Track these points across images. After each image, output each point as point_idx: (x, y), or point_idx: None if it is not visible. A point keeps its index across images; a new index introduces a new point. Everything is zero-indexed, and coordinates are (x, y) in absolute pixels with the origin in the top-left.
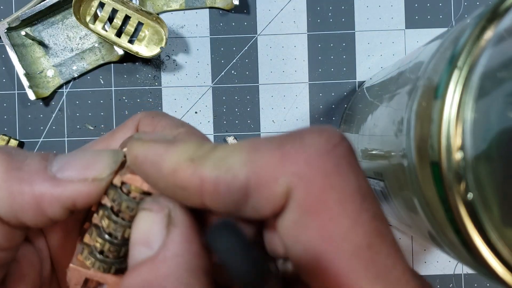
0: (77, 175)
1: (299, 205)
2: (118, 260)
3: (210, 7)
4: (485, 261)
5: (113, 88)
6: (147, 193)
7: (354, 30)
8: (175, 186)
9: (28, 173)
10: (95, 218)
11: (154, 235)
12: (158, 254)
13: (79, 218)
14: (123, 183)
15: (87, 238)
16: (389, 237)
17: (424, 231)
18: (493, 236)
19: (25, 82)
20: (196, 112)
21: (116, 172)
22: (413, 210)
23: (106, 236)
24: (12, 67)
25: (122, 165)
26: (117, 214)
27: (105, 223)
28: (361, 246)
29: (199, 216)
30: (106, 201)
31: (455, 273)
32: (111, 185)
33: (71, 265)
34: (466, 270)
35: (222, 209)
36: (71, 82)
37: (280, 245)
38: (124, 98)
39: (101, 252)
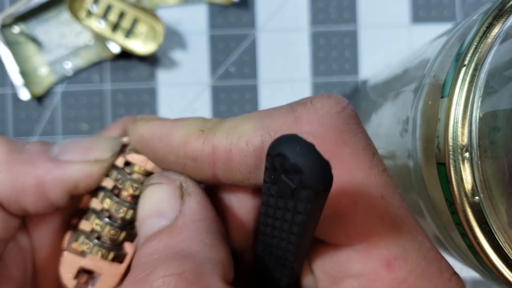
0: (79, 157)
1: None
2: (116, 246)
3: (208, 2)
4: (492, 265)
5: (109, 87)
6: (150, 173)
7: (357, 26)
8: (186, 157)
9: (30, 155)
10: (94, 202)
11: (168, 205)
12: (176, 221)
13: (65, 218)
14: (126, 164)
15: (83, 224)
16: (397, 191)
17: (429, 234)
18: (500, 239)
19: (18, 80)
20: (193, 111)
21: (117, 156)
22: (419, 212)
23: (106, 219)
24: (5, 65)
25: (122, 149)
26: (118, 196)
27: (106, 204)
28: (375, 197)
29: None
30: (108, 183)
31: None
32: (112, 166)
33: (65, 252)
34: (471, 273)
35: (233, 179)
36: (66, 80)
37: None
38: (120, 96)
39: (99, 238)
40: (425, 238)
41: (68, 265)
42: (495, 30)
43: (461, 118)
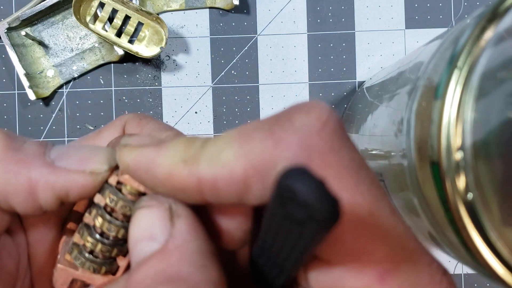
0: (74, 166)
1: None
2: (108, 260)
3: (210, 7)
4: (485, 261)
5: (113, 88)
6: (142, 194)
7: (354, 30)
8: (173, 189)
9: (26, 156)
10: (87, 218)
11: (158, 228)
12: (167, 244)
13: (62, 215)
14: (118, 183)
15: (76, 238)
16: (386, 201)
17: (424, 231)
18: (493, 236)
19: (25, 82)
20: (196, 112)
21: (113, 170)
22: (413, 210)
23: (98, 236)
24: (12, 67)
25: (117, 165)
26: (110, 214)
27: (98, 222)
28: (364, 215)
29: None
30: (100, 200)
31: (454, 273)
32: (106, 183)
33: (58, 265)
34: (466, 270)
35: (225, 203)
36: (71, 82)
37: None
38: (124, 98)
39: (91, 252)
40: (416, 245)
41: (61, 277)
42: (488, 33)
43: (454, 119)
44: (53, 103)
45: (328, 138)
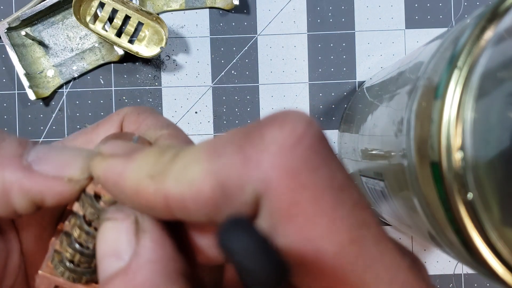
0: (52, 171)
1: (270, 212)
2: (89, 270)
3: (210, 7)
4: (485, 261)
5: (113, 88)
6: None
7: (354, 30)
8: (140, 206)
9: (2, 157)
10: (67, 226)
11: (123, 244)
12: (130, 263)
13: (55, 214)
14: (96, 193)
15: (57, 245)
16: (373, 225)
17: (424, 231)
18: (493, 236)
19: (25, 82)
20: (196, 112)
21: (92, 178)
22: (413, 210)
23: (77, 246)
24: (12, 67)
25: None
26: (89, 224)
27: (76, 233)
28: (344, 243)
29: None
30: (79, 209)
31: (455, 273)
32: (86, 193)
33: (40, 272)
34: (466, 270)
35: (196, 221)
36: (71, 82)
37: None
38: (124, 98)
39: (72, 262)
40: (405, 274)
41: (43, 284)
42: (488, 33)
43: (454, 119)
44: (53, 103)
45: (304, 156)
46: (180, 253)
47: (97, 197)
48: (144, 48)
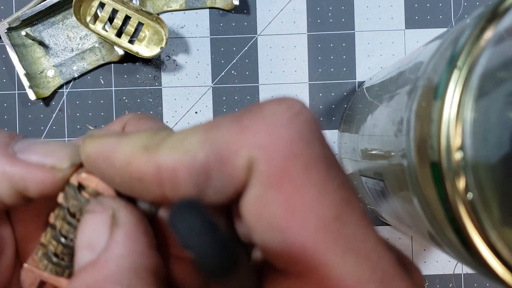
0: (36, 159)
1: (261, 178)
2: (72, 263)
3: (210, 7)
4: (484, 261)
5: (113, 88)
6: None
7: (354, 30)
8: (131, 178)
9: None
10: (51, 217)
11: (97, 237)
12: (99, 257)
13: (51, 208)
14: (80, 184)
15: (43, 238)
16: (358, 207)
17: (424, 231)
18: (493, 236)
19: (25, 82)
20: (196, 112)
21: (76, 169)
22: (413, 210)
23: (62, 239)
24: (12, 67)
25: (81, 164)
26: (74, 215)
27: (59, 224)
28: (328, 218)
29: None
30: (63, 201)
31: (454, 273)
32: (69, 184)
33: (25, 265)
34: (465, 270)
35: (183, 195)
36: (72, 82)
37: (247, 231)
38: (124, 98)
39: (56, 255)
40: (388, 264)
41: (28, 278)
42: (488, 33)
43: (453, 119)
44: (53, 103)
45: (299, 128)
46: (155, 249)
47: (81, 188)
48: (144, 48)
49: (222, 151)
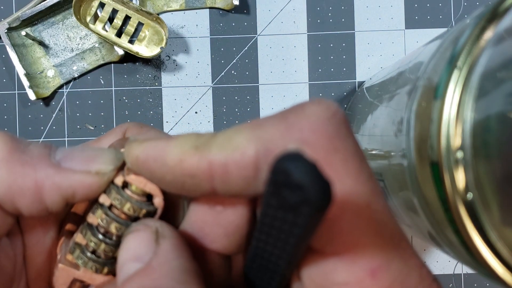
0: (80, 166)
1: None
2: (110, 260)
3: (210, 7)
4: (484, 261)
5: (113, 88)
6: (148, 194)
7: (354, 30)
8: (183, 175)
9: (32, 157)
10: (90, 217)
11: (144, 249)
12: (151, 262)
13: (59, 218)
14: (124, 183)
15: (79, 238)
16: (382, 197)
17: (424, 231)
18: (492, 236)
19: (25, 82)
20: (196, 112)
21: (118, 171)
22: (413, 210)
23: (101, 236)
24: (12, 67)
25: (122, 165)
26: (114, 214)
27: (102, 221)
28: (362, 205)
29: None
30: (105, 200)
31: (454, 273)
32: (111, 184)
33: (60, 264)
34: (465, 270)
35: (232, 191)
36: (72, 82)
37: None
38: (124, 98)
39: (94, 252)
40: (407, 245)
41: (62, 277)
42: (488, 33)
43: (453, 119)
44: (53, 103)
45: (337, 126)
46: (195, 260)
47: (124, 188)
48: (144, 48)
49: (271, 147)
